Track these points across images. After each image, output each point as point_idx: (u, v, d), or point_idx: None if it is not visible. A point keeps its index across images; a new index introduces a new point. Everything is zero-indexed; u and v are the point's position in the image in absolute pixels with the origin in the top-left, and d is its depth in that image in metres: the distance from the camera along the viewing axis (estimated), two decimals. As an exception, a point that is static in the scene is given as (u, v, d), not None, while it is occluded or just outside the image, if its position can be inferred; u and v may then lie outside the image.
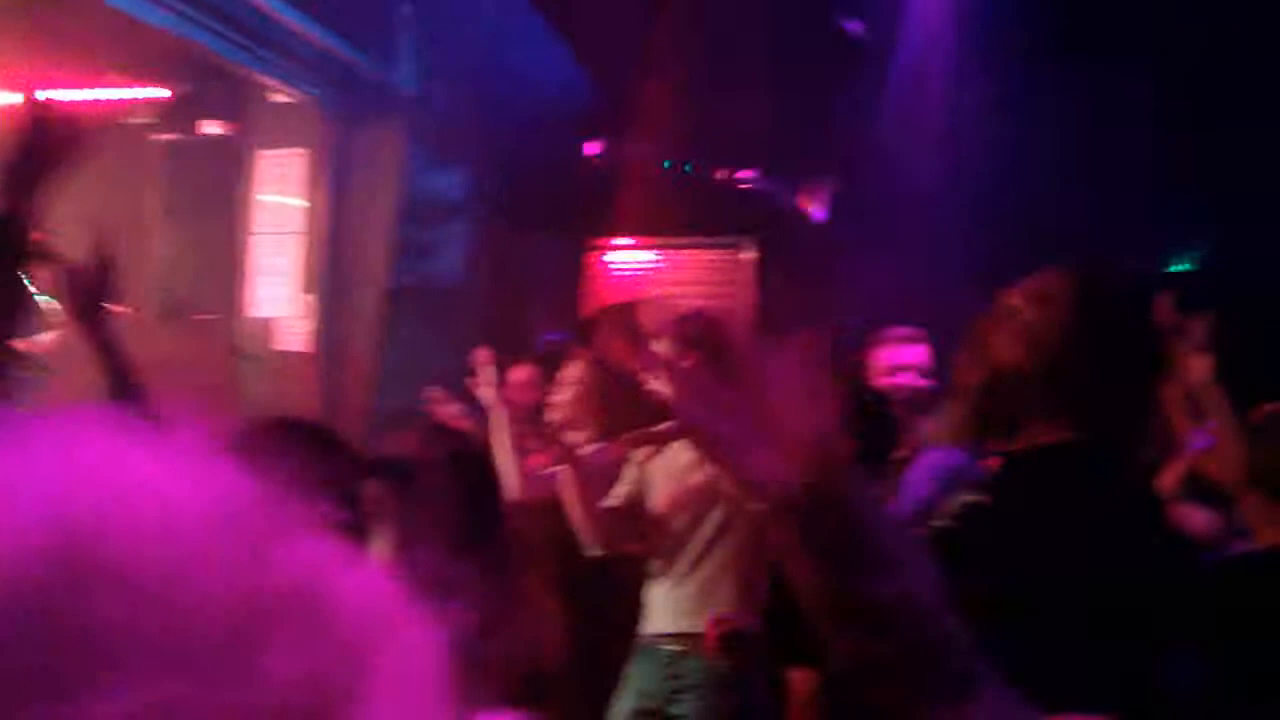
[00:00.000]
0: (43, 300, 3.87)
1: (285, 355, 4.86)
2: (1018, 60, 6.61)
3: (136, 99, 5.19)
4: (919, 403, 3.18)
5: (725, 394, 0.85)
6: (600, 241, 6.32)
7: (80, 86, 5.29)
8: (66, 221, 4.24)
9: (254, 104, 5.05)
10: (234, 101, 5.05)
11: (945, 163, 6.63)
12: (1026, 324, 1.59)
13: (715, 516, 3.12)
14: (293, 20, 4.40)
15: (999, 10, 6.57)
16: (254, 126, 5.08)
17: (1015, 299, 1.64)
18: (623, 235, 6.34)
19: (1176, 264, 7.52)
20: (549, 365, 4.31)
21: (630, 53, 5.99)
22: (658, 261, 6.29)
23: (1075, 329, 1.56)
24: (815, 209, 6.50)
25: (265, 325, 4.94)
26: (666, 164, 6.58)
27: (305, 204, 5.00)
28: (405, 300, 5.04)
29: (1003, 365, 1.59)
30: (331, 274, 4.94)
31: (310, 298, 4.89)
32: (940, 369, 3.12)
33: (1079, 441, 1.52)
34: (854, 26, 6.69)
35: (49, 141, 1.42)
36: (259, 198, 5.04)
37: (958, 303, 2.14)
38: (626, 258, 6.31)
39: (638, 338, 4.04)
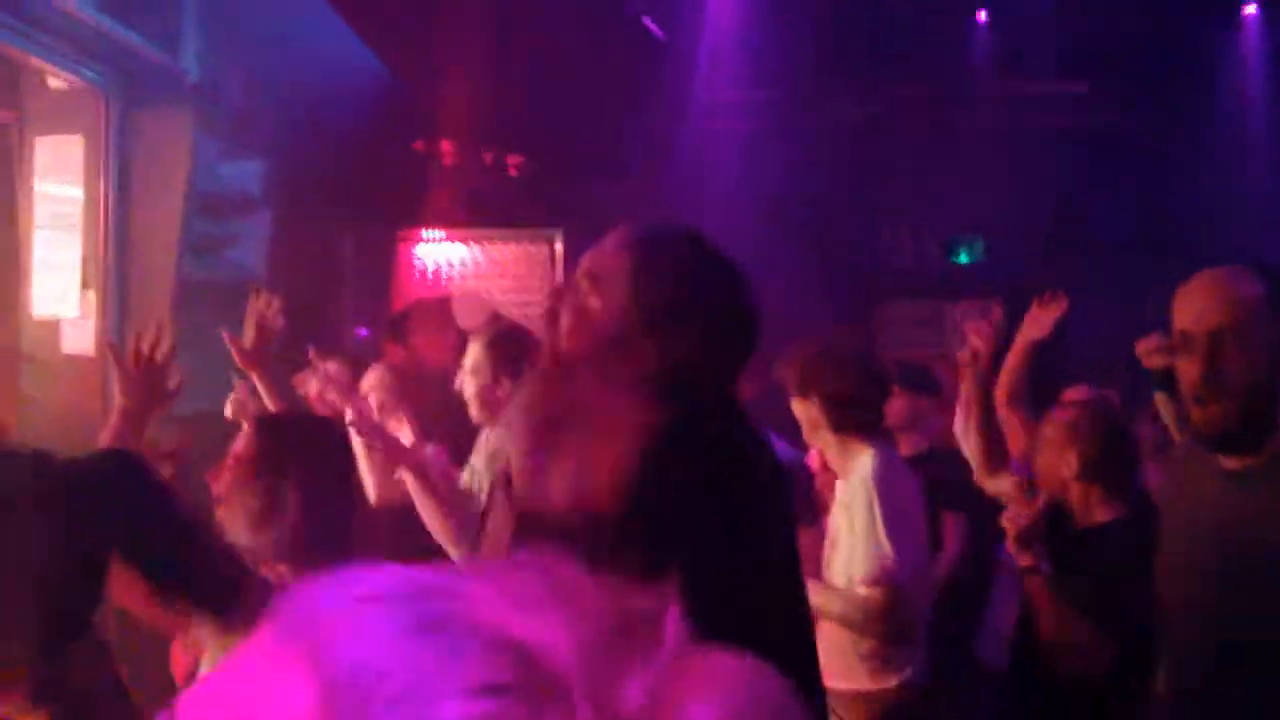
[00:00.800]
0: None
1: (69, 358, 4.54)
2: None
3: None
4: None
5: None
6: (408, 234, 6.21)
7: None
8: None
9: (30, 88, 4.70)
10: (8, 86, 4.69)
11: (743, 161, 6.87)
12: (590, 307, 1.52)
13: None
14: (65, 2, 4.13)
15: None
16: (31, 112, 4.74)
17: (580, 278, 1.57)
18: (431, 228, 6.24)
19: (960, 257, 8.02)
20: (359, 363, 4.23)
21: (430, 41, 5.91)
22: (468, 254, 6.21)
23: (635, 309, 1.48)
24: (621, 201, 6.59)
25: (49, 326, 4.59)
26: (473, 155, 6.53)
27: (85, 195, 4.68)
28: (197, 297, 4.80)
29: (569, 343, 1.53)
30: (116, 270, 4.65)
31: (89, 294, 4.58)
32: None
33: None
34: (653, 24, 6.83)
35: None
36: (38, 188, 4.69)
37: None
38: (436, 251, 6.21)
39: (449, 332, 4.03)
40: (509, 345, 3.16)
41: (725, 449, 1.49)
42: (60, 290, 4.61)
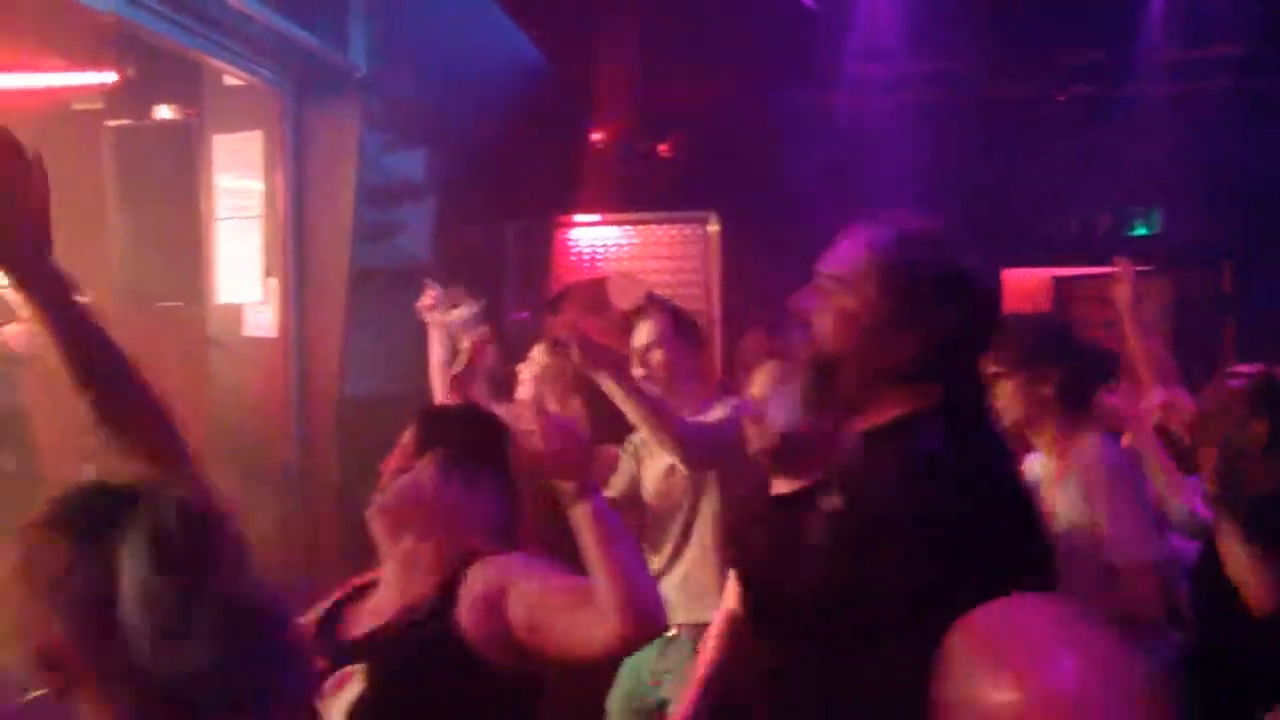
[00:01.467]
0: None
1: (252, 341, 4.77)
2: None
3: (84, 84, 5.05)
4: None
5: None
6: (564, 219, 6.29)
7: (21, 70, 5.15)
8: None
9: (208, 86, 4.95)
10: (188, 83, 4.94)
11: (906, 135, 6.69)
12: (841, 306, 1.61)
13: (690, 507, 3.15)
14: (242, 2, 4.31)
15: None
16: (209, 109, 4.98)
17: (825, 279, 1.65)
18: (586, 212, 6.31)
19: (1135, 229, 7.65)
20: (517, 344, 4.31)
21: (587, 29, 5.96)
22: (622, 238, 6.26)
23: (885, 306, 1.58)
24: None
25: (230, 312, 4.85)
26: (627, 140, 6.57)
27: (264, 187, 4.91)
28: (368, 283, 4.98)
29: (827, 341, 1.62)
30: (294, 257, 4.86)
31: (272, 282, 4.81)
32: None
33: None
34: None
35: None
36: (218, 182, 4.94)
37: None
38: (591, 235, 6.28)
39: (605, 312, 4.04)
40: (685, 321, 3.18)
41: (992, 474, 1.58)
42: (242, 278, 4.86)
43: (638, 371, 3.12)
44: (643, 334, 3.20)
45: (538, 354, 3.89)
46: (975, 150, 7.04)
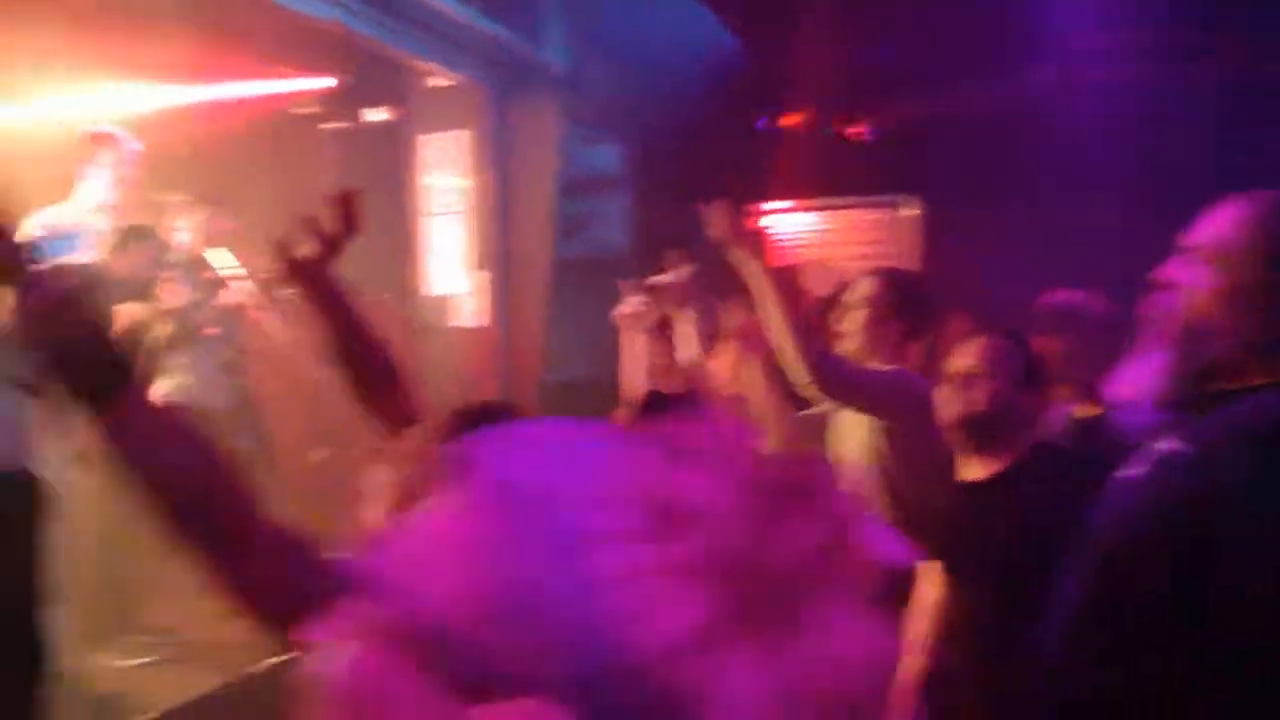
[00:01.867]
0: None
1: (461, 330, 4.99)
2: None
3: (305, 90, 5.37)
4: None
5: None
6: (758, 207, 6.27)
7: (250, 79, 5.51)
8: (250, 206, 4.43)
9: (414, 89, 5.18)
10: (395, 87, 5.18)
11: (1105, 108, 6.35)
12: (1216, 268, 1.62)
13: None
14: (448, 5, 4.48)
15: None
16: (415, 110, 5.21)
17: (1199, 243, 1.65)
18: (781, 199, 6.27)
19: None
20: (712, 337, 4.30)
21: (780, 11, 5.91)
22: (818, 224, 6.20)
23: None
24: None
25: (440, 302, 5.08)
26: (821, 124, 6.48)
27: (469, 183, 5.10)
28: (569, 273, 5.11)
29: (1199, 312, 1.61)
30: (499, 250, 5.04)
31: (481, 274, 5.00)
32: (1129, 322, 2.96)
33: None
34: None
35: None
36: (425, 180, 5.17)
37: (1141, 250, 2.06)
38: (786, 221, 6.25)
39: (801, 297, 3.97)
40: (906, 294, 3.03)
41: None
42: (450, 270, 5.08)
43: (855, 320, 2.99)
44: (855, 290, 3.07)
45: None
46: (1184, 131, 6.61)
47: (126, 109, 5.58)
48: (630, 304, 3.25)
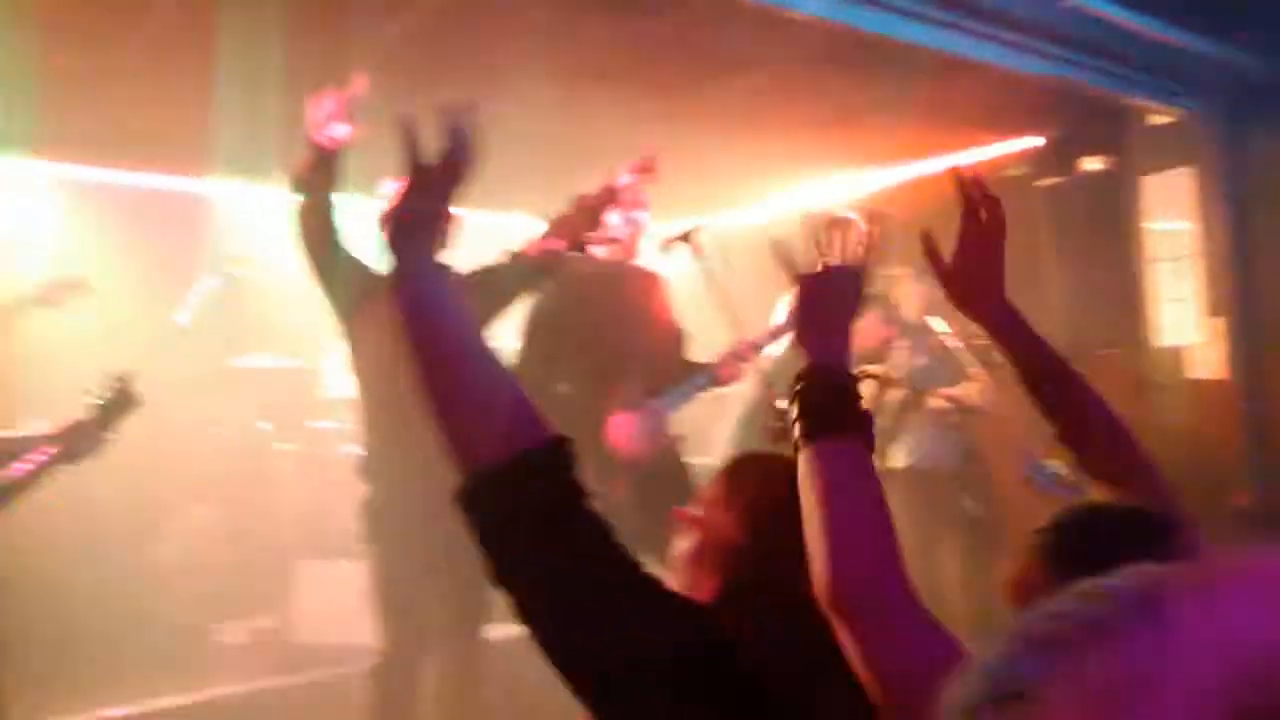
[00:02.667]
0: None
1: (1196, 383, 4.58)
2: None
3: (1016, 151, 5.40)
4: None
5: None
6: None
7: (961, 149, 5.68)
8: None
9: (1131, 130, 4.92)
10: (1110, 132, 4.97)
11: None
12: None
13: None
14: (1169, 33, 4.19)
15: None
16: (1134, 153, 4.94)
17: None
18: None
19: None
20: None
21: None
22: None
23: None
24: None
25: (1173, 354, 4.72)
26: None
27: (1197, 225, 4.70)
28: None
29: None
30: (1238, 295, 4.55)
31: (1216, 321, 4.55)
32: None
33: None
34: None
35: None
36: (1149, 225, 4.87)
37: None
38: None
39: None
40: None
41: None
42: (1181, 319, 4.69)
43: None
44: None
45: None
46: None
47: (854, 193, 6.10)
48: None
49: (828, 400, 1.29)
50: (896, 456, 4.77)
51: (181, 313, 5.12)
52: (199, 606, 4.73)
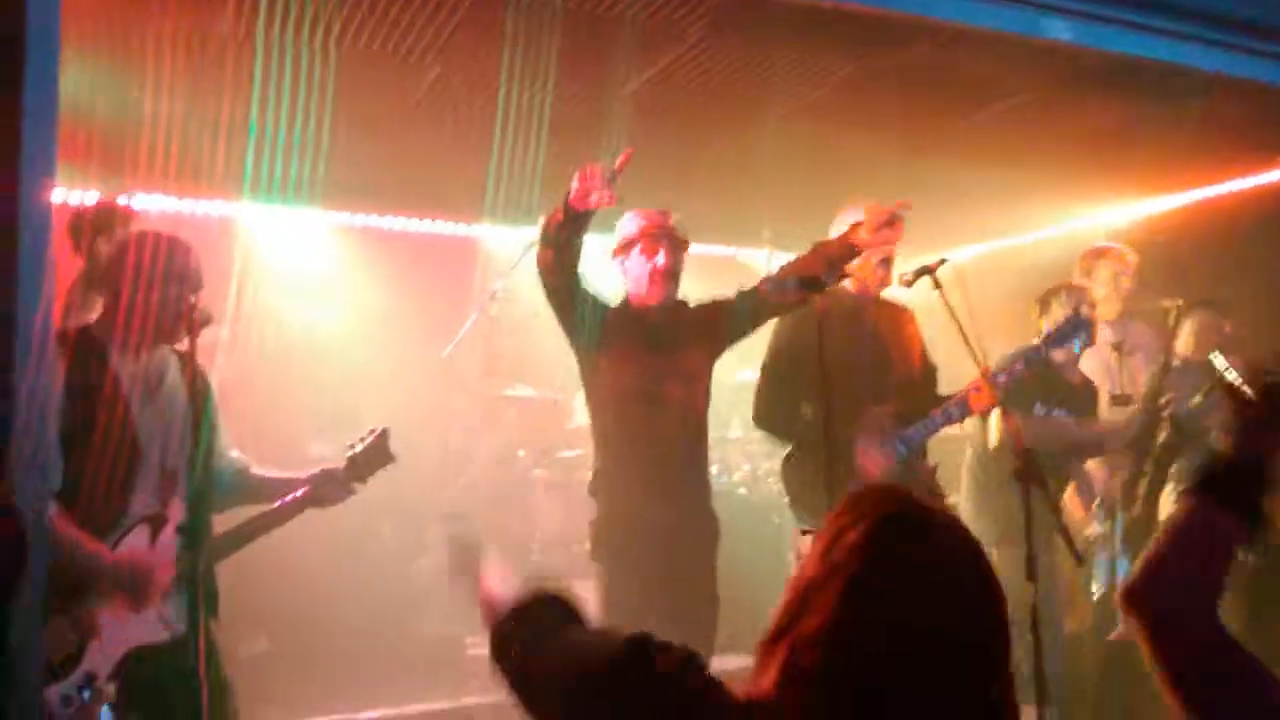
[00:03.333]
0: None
1: None
2: None
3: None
4: None
5: None
6: None
7: (1242, 174, 5.28)
8: (1245, 305, 4.21)
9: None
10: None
11: None
12: None
13: None
14: None
15: None
16: None
17: None
18: None
19: None
20: None
21: None
22: None
23: None
24: None
25: None
26: None
27: None
28: None
29: None
30: None
31: None
32: None
33: None
34: None
35: None
36: None
37: None
38: None
39: None
40: None
41: None
42: None
43: None
44: None
45: None
46: None
47: (1122, 221, 5.79)
48: None
49: (1248, 483, 1.40)
50: (1172, 499, 4.50)
51: (447, 347, 5.48)
52: (455, 619, 5.01)
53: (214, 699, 2.59)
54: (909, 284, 3.50)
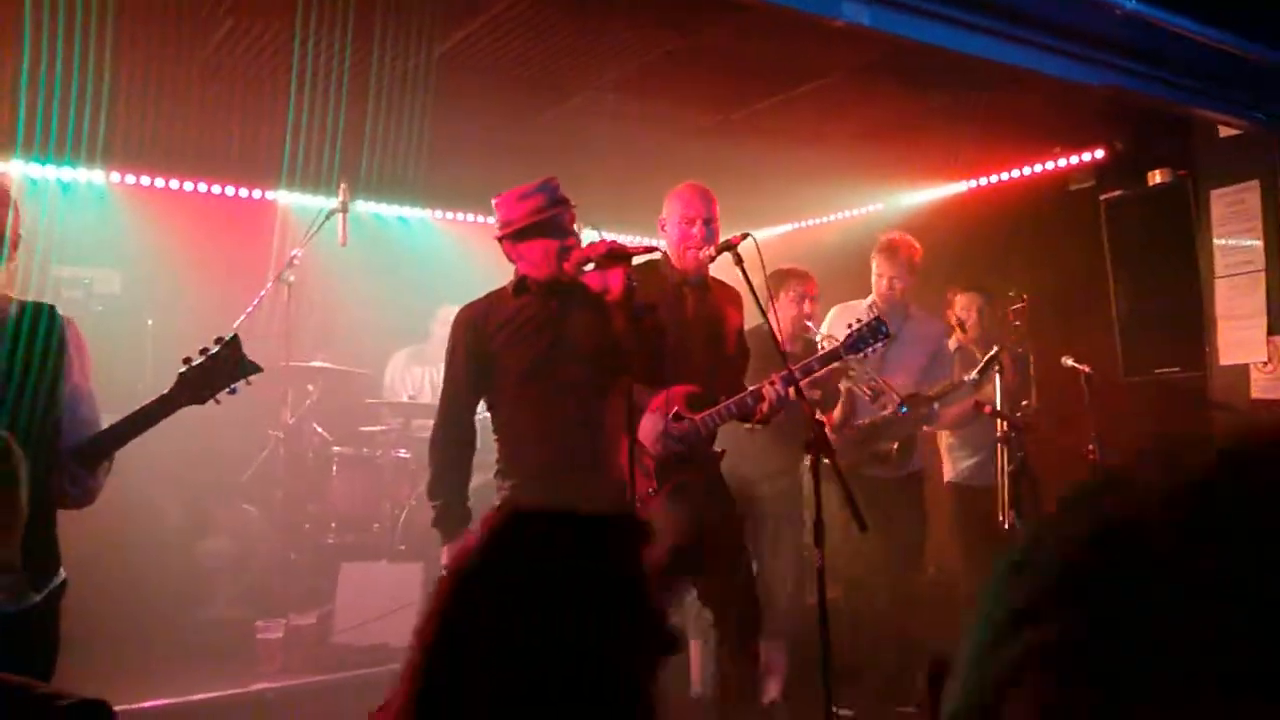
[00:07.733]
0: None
1: (1261, 404, 4.43)
2: None
3: (1077, 164, 5.29)
4: None
5: None
6: None
7: (1020, 164, 5.59)
8: (1029, 288, 4.41)
9: (1200, 143, 4.80)
10: (1178, 145, 4.86)
11: None
12: None
13: None
14: (1232, 43, 4.08)
15: None
16: (1203, 167, 4.82)
17: None
18: None
19: None
20: None
21: None
22: None
23: None
24: None
25: (1236, 373, 4.57)
26: None
27: (1264, 240, 4.56)
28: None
29: None
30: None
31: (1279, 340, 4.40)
32: None
33: None
34: None
35: None
36: (1218, 240, 4.73)
37: None
38: None
39: None
40: None
41: None
42: (1245, 338, 4.55)
43: None
44: None
45: None
46: None
47: (907, 210, 6.04)
48: None
49: None
50: (949, 472, 4.73)
51: (239, 318, 5.21)
52: (243, 603, 4.82)
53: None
54: (711, 259, 3.52)
